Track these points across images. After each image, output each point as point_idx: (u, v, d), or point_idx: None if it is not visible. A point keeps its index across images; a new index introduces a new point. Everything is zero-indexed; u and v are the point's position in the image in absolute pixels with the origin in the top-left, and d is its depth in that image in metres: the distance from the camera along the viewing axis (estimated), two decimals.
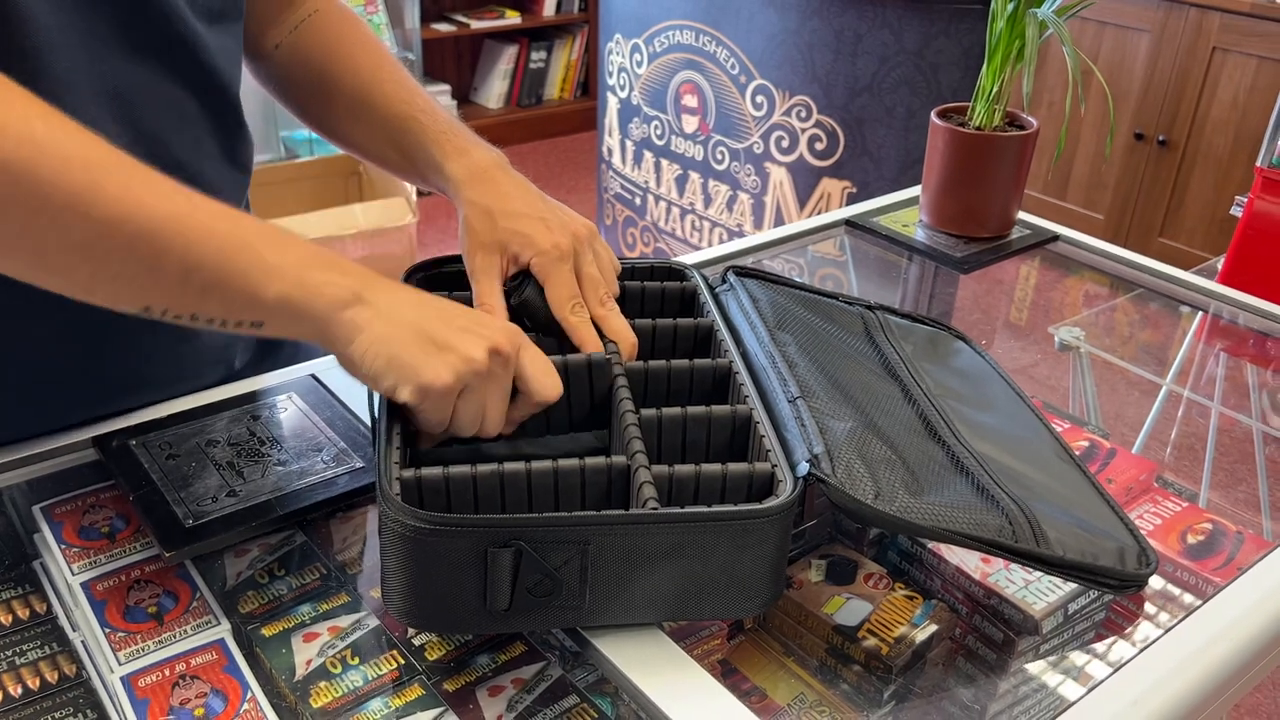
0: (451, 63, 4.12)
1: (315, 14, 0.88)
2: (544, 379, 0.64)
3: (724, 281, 0.84)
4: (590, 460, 0.60)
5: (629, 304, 0.81)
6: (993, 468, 0.68)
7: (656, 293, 0.81)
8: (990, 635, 0.72)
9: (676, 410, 0.66)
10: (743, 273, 0.85)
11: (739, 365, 0.71)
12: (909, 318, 0.91)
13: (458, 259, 0.79)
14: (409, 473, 0.58)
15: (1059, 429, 0.92)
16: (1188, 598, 0.79)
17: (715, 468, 0.61)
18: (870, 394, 0.73)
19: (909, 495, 0.61)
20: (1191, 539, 0.82)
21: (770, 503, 0.57)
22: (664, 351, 0.77)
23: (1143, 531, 0.81)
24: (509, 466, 0.59)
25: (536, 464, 0.59)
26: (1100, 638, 0.75)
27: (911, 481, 0.63)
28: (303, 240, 0.60)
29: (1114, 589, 0.64)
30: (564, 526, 0.55)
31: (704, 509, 0.57)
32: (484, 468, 0.59)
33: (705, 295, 0.80)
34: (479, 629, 0.61)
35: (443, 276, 0.79)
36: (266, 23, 0.87)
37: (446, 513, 0.56)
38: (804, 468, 0.61)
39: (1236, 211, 1.46)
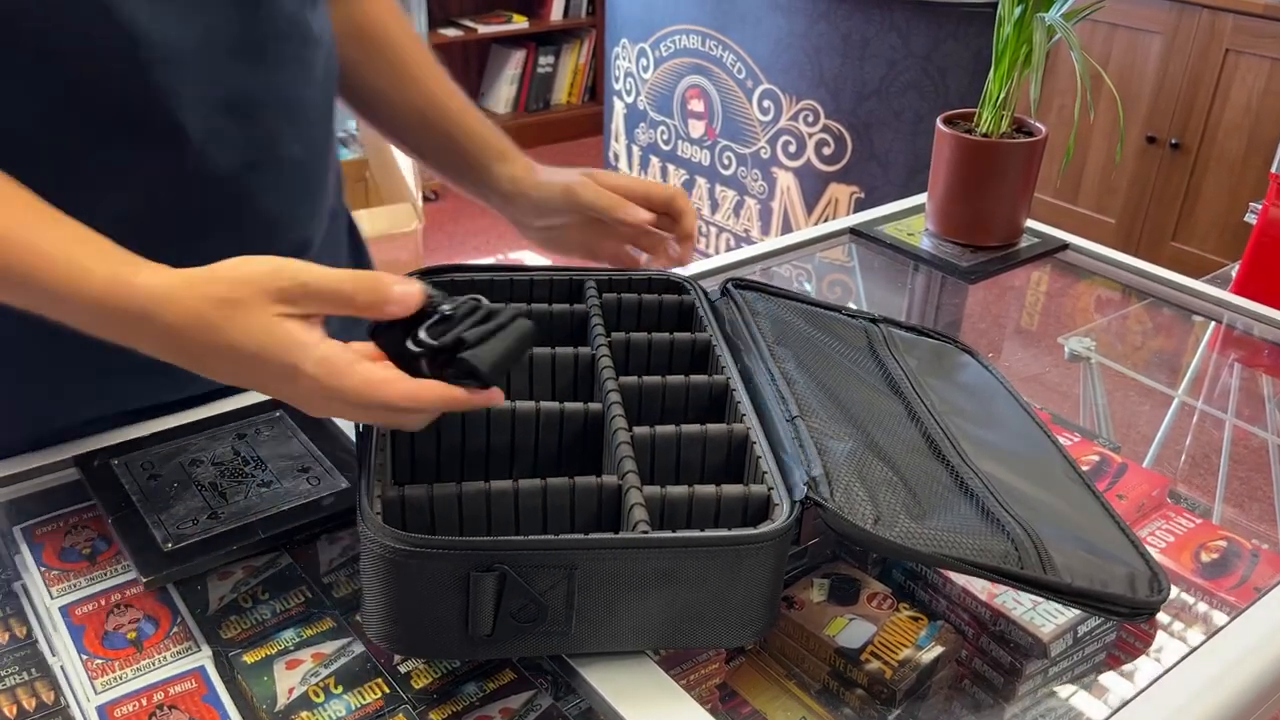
0: (459, 68, 4.11)
1: None
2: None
3: (723, 294, 0.82)
4: (580, 480, 0.58)
5: (625, 317, 0.79)
6: (999, 489, 0.66)
7: (653, 306, 0.79)
8: (997, 658, 0.70)
9: (670, 429, 0.64)
10: (742, 285, 0.83)
11: (736, 382, 0.69)
12: (914, 330, 0.89)
13: (460, 268, 0.78)
14: (393, 491, 0.56)
15: (1069, 441, 0.90)
16: (1202, 618, 0.76)
17: (709, 489, 0.59)
18: (872, 412, 0.71)
19: (910, 519, 0.59)
20: (1205, 557, 0.80)
21: (765, 528, 0.55)
22: (660, 367, 0.75)
23: (1155, 550, 0.79)
24: (496, 485, 0.57)
25: (524, 483, 0.58)
26: (1112, 661, 0.73)
27: (913, 504, 0.61)
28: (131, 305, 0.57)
29: (1124, 617, 0.62)
30: (549, 550, 0.53)
31: (696, 533, 0.55)
32: (470, 486, 0.57)
33: (704, 309, 0.78)
34: (460, 655, 0.59)
35: (441, 286, 0.78)
36: None
37: (430, 533, 0.54)
38: (801, 491, 0.59)
39: (1251, 219, 1.43)
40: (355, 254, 0.99)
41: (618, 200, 0.81)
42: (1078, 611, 0.70)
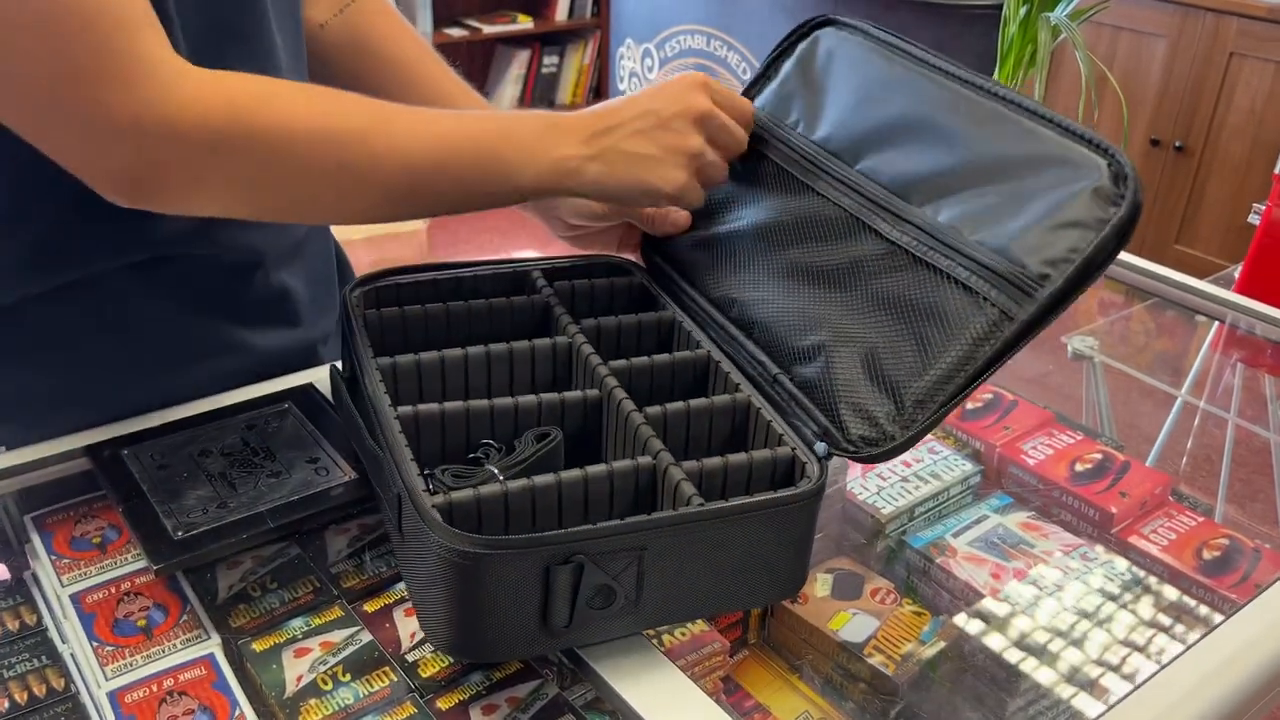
0: (464, 67, 4.09)
1: None
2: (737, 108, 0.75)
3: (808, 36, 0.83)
4: (618, 465, 0.59)
5: (580, 303, 0.79)
6: (950, 236, 0.63)
7: (605, 289, 0.79)
8: (999, 653, 0.71)
9: (680, 405, 0.65)
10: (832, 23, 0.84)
11: (717, 354, 0.70)
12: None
13: (399, 270, 0.77)
14: (439, 498, 0.56)
15: (1071, 440, 0.90)
16: (1204, 615, 0.77)
17: (742, 458, 0.60)
18: (827, 279, 0.68)
19: (915, 379, 0.60)
20: (1207, 554, 0.80)
21: (804, 486, 0.57)
22: (630, 349, 0.74)
23: (1156, 548, 0.80)
24: (540, 480, 0.57)
25: (566, 474, 0.58)
26: (1114, 656, 0.73)
27: (909, 358, 0.61)
28: (527, 121, 0.69)
29: (1120, 236, 0.64)
30: (622, 534, 0.54)
31: (749, 499, 0.56)
32: (515, 484, 0.57)
33: (653, 287, 0.79)
34: (536, 651, 0.58)
35: (390, 289, 0.76)
36: None
37: (477, 533, 0.54)
38: (822, 448, 0.61)
39: (1254, 219, 1.43)
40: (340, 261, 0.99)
41: (661, 210, 0.81)
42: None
